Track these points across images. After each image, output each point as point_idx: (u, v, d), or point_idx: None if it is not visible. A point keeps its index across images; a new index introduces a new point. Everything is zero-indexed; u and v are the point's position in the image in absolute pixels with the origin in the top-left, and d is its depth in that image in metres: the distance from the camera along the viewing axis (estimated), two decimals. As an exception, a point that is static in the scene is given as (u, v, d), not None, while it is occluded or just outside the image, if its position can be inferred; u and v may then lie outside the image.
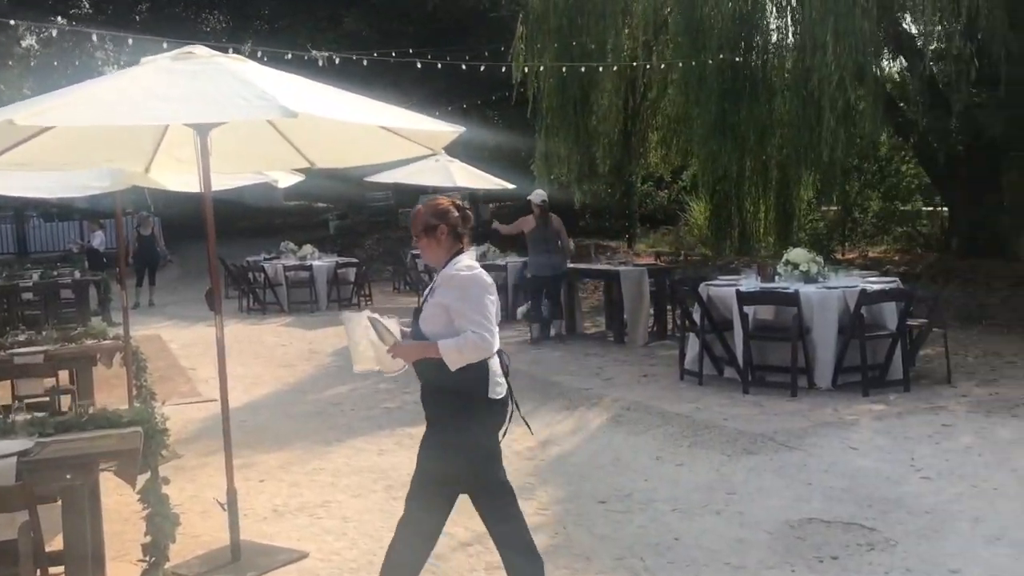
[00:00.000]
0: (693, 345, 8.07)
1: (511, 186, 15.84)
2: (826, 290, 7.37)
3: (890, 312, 7.37)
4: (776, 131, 14.80)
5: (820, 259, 8.00)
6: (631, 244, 19.16)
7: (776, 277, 8.07)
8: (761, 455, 5.72)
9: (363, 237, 22.88)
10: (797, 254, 7.98)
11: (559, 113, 14.80)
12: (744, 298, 7.35)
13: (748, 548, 4.25)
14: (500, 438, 3.38)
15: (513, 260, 12.54)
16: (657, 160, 17.57)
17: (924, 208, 14.46)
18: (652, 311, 10.34)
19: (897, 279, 7.82)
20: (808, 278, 7.77)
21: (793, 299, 7.18)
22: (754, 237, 17.12)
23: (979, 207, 12.05)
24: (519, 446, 5.77)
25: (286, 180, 6.70)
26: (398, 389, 7.57)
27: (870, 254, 14.41)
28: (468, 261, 3.40)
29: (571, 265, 10.64)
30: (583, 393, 7.67)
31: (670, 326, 10.60)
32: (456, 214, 3.44)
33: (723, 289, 7.80)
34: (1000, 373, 7.80)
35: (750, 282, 7.98)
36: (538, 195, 10.27)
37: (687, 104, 12.31)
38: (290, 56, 12.53)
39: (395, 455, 5.94)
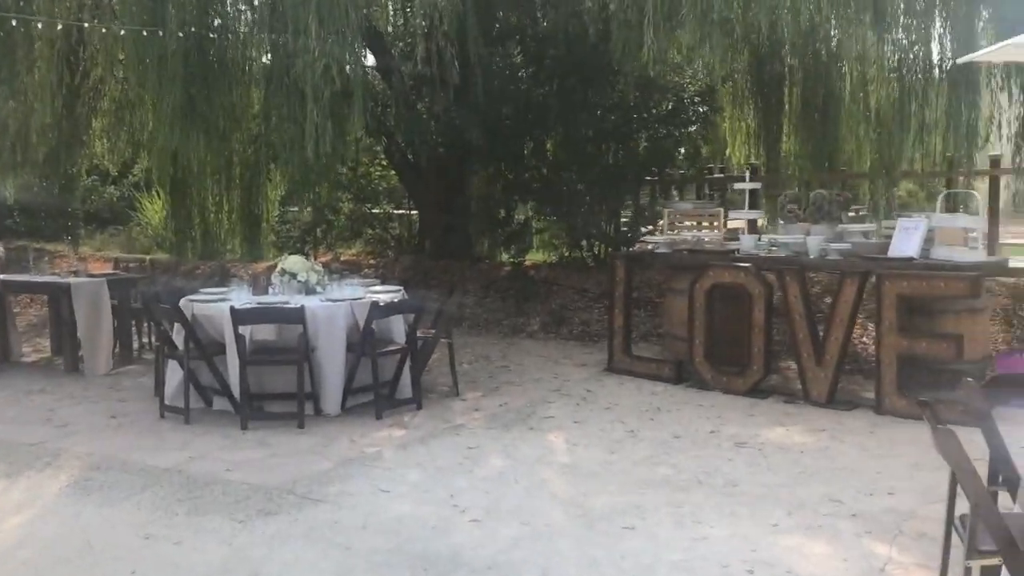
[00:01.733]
0: (175, 374, 6.67)
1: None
2: (332, 303, 6.51)
3: (397, 324, 6.77)
4: (250, 123, 13.76)
5: (320, 267, 7.13)
6: (75, 247, 16.50)
7: (270, 289, 7.03)
8: (283, 515, 4.63)
9: None
10: (294, 262, 7.01)
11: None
12: (240, 317, 6.16)
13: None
14: None
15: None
16: (103, 150, 15.24)
17: (395, 211, 14.52)
18: (115, 331, 8.57)
19: (402, 288, 7.28)
20: (308, 289, 6.86)
21: (298, 316, 6.19)
22: (219, 240, 15.82)
23: (447, 212, 12.30)
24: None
25: None
26: None
27: (343, 256, 14.06)
28: None
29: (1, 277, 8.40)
30: (30, 450, 5.80)
31: (136, 346, 8.93)
32: None
33: (212, 306, 6.52)
34: (498, 379, 7.71)
35: (242, 296, 6.82)
36: None
37: (141, 87, 10.58)
38: None
39: None
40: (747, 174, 7.83)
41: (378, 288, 7.24)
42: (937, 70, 8.58)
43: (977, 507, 2.69)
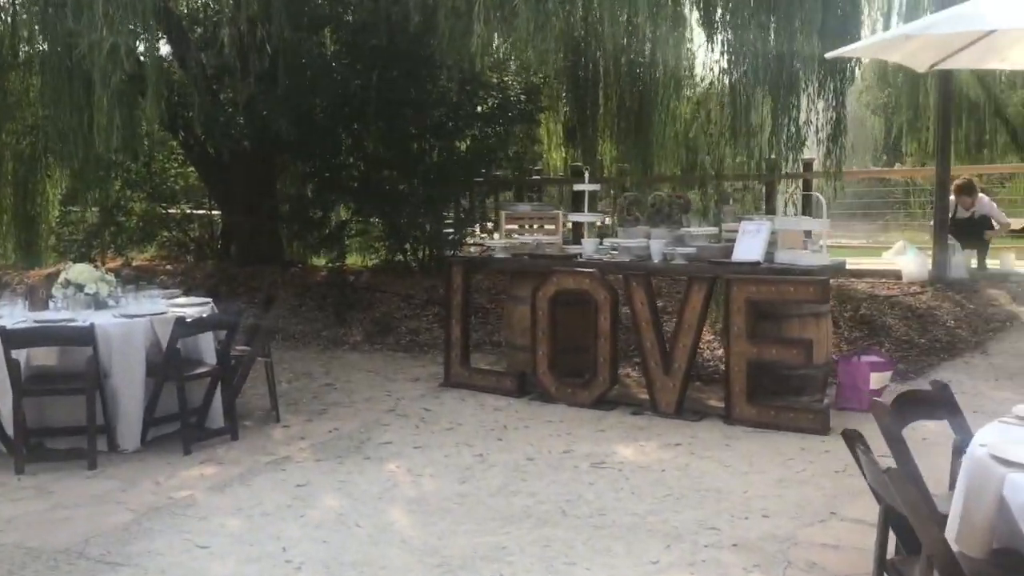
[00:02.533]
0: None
1: None
2: (128, 320, 5.56)
3: (206, 342, 5.90)
4: (25, 112, 12.15)
5: (112, 278, 6.12)
6: None
7: (51, 303, 5.97)
8: (71, 587, 3.75)
9: None
10: (80, 271, 5.97)
11: None
12: (15, 338, 5.12)
13: None
14: None
15: None
16: None
17: (193, 211, 13.28)
18: None
19: (211, 301, 6.38)
20: (99, 303, 5.86)
21: (86, 336, 5.22)
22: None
23: (254, 213, 11.31)
24: None
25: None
26: None
27: (135, 262, 12.70)
28: None
29: None
30: None
31: None
32: None
33: None
34: (324, 400, 6.96)
35: (16, 312, 5.72)
36: None
37: None
38: None
39: None
40: (586, 175, 7.47)
41: (182, 301, 6.31)
42: (763, 72, 8.58)
43: (933, 558, 2.33)
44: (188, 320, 5.56)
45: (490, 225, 11.44)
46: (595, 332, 6.58)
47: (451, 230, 10.82)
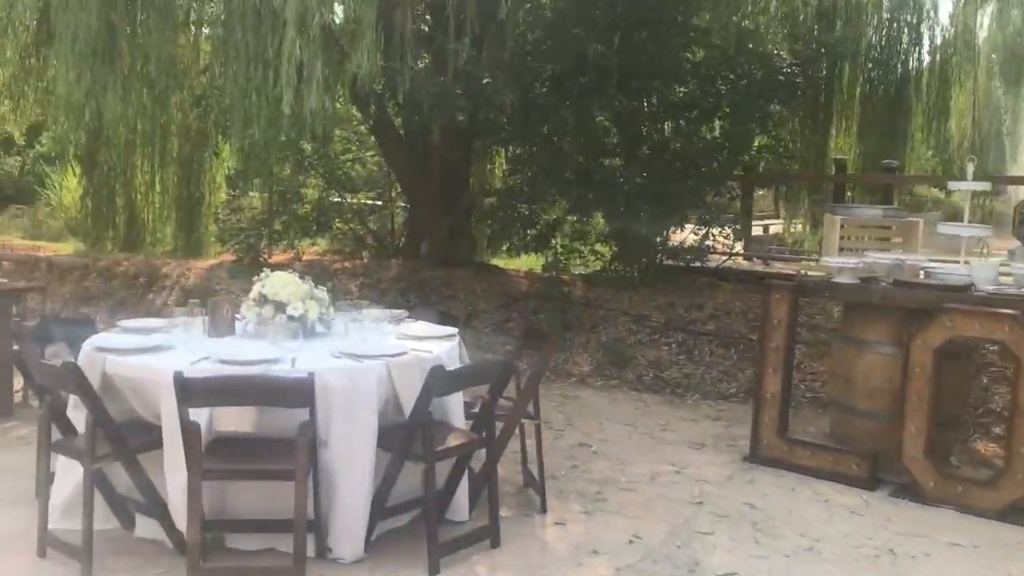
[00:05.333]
0: (69, 475, 3.83)
1: None
2: (354, 364, 3.71)
3: (455, 397, 4.02)
4: (194, 81, 10.77)
5: (324, 295, 4.32)
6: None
7: (237, 324, 4.23)
8: None
9: None
10: (283, 284, 4.20)
11: None
12: (196, 391, 3.33)
13: None
14: None
15: None
16: (4, 109, 12.03)
17: (373, 201, 11.65)
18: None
19: (457, 333, 4.46)
20: (306, 330, 4.07)
21: (305, 392, 3.39)
22: (147, 229, 12.71)
23: (451, 204, 9.52)
24: None
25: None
26: None
27: (305, 256, 11.12)
28: None
29: None
30: None
31: (19, 390, 6.01)
32: None
33: (140, 363, 3.67)
34: (590, 472, 4.94)
35: (192, 339, 3.98)
36: None
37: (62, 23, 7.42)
38: None
39: None
40: (969, 169, 5.21)
41: (419, 329, 4.42)
42: None
43: None
44: (447, 370, 3.65)
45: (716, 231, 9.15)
46: (1014, 405, 4.38)
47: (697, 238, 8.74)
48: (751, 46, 8.34)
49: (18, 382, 5.81)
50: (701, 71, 8.14)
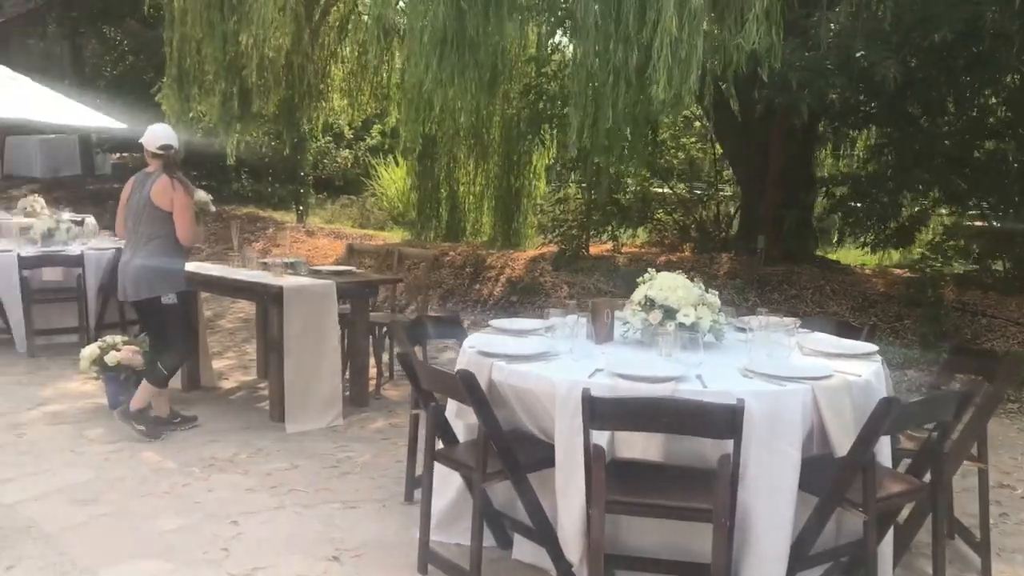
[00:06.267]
0: (447, 486, 3.59)
1: (120, 125, 10.38)
2: (775, 385, 3.10)
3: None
4: (525, 68, 10.71)
5: (715, 298, 3.76)
6: (304, 218, 14.21)
7: (614, 330, 3.78)
8: None
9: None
10: (671, 286, 3.68)
11: (202, 15, 9.47)
12: (601, 410, 2.88)
13: None
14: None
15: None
16: (342, 103, 12.70)
17: (695, 191, 11.04)
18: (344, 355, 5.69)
19: (872, 345, 3.73)
20: (695, 340, 3.53)
21: (732, 420, 2.83)
22: (467, 219, 12.93)
23: (794, 194, 8.67)
24: None
25: None
26: None
27: (625, 247, 10.71)
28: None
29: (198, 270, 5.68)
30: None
31: (375, 377, 6.05)
32: None
33: (529, 370, 3.28)
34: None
35: (578, 347, 3.54)
36: (159, 135, 5.00)
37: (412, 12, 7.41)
38: None
39: None
40: None
41: (820, 341, 3.72)
42: None
43: None
44: (899, 401, 2.94)
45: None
46: None
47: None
48: None
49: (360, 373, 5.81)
50: None
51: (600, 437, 2.98)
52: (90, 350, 5.49)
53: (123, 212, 5.00)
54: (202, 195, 5.17)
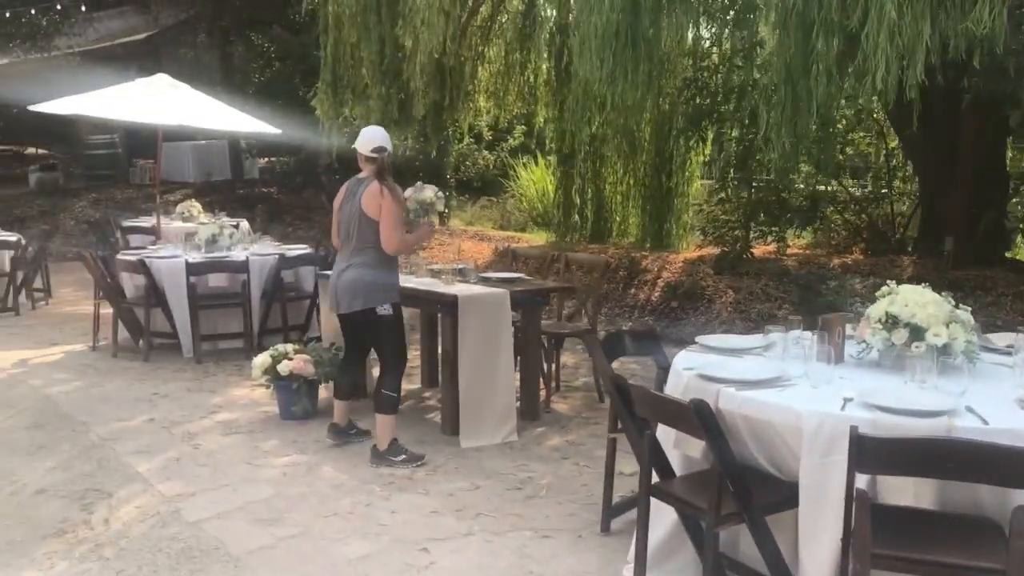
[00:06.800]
0: (660, 517, 3.24)
1: (275, 131, 10.48)
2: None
3: None
4: (683, 64, 10.26)
5: (969, 315, 3.29)
6: (446, 221, 14.13)
7: (846, 348, 3.35)
8: None
9: (75, 197, 16.41)
10: (916, 300, 3.24)
11: (357, 20, 9.42)
12: (871, 450, 2.47)
13: None
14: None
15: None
16: (487, 105, 12.49)
17: (864, 189, 10.32)
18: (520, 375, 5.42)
19: None
20: (949, 363, 3.06)
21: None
22: (613, 220, 12.51)
23: (987, 191, 7.93)
24: None
25: None
26: None
27: (789, 249, 10.07)
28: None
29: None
30: None
31: (546, 396, 5.75)
32: None
33: (765, 398, 2.89)
34: None
35: (817, 368, 3.13)
36: (373, 137, 4.73)
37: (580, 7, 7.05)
38: None
39: None
40: None
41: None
42: None
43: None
44: None
45: None
46: None
47: None
48: None
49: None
50: None
51: (861, 479, 2.57)
52: (262, 359, 5.41)
53: (336, 221, 4.78)
54: (429, 193, 4.94)
